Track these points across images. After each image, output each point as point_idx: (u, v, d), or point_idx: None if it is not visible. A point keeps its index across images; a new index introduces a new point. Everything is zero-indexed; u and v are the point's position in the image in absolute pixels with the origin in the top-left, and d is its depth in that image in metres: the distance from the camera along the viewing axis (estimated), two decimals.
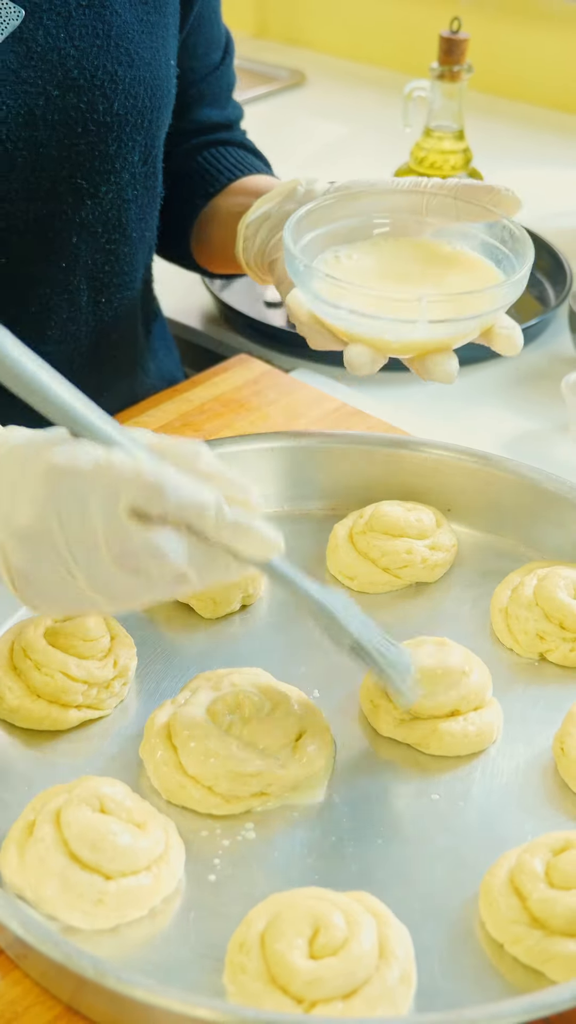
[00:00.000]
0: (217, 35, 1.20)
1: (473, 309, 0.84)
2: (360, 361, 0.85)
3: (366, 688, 0.85)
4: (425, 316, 0.82)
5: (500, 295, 0.85)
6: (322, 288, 0.85)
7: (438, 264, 0.91)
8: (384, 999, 0.65)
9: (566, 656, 0.89)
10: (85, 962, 0.63)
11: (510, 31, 2.11)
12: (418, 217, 0.92)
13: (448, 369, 0.86)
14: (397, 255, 0.92)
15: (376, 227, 0.93)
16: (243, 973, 0.66)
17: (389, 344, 0.85)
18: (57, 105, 0.98)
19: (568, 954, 0.67)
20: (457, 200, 0.90)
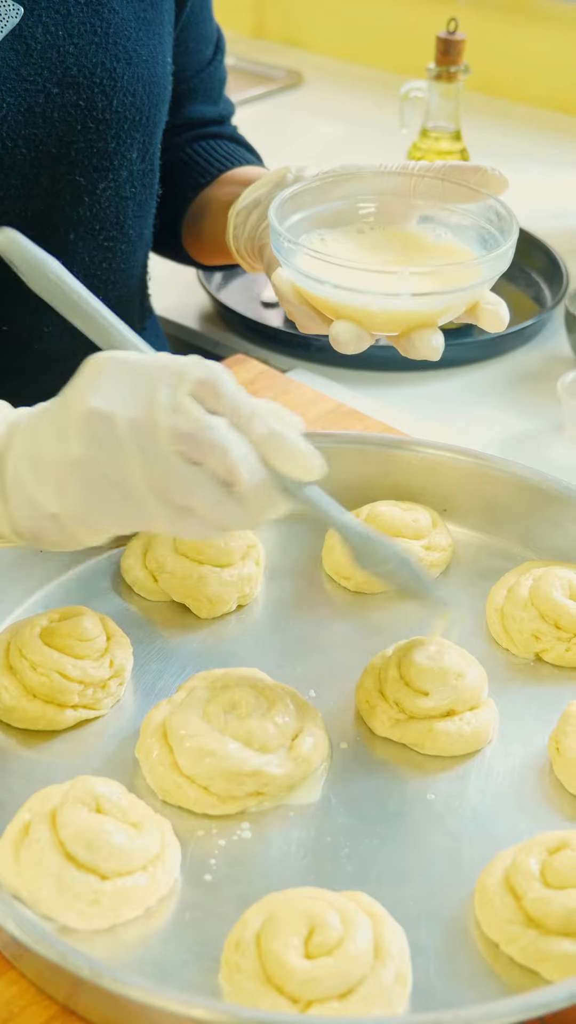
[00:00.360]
0: (209, 31, 1.20)
1: (456, 282, 0.83)
2: (345, 337, 0.84)
3: (362, 688, 0.85)
4: (408, 288, 0.82)
5: (483, 268, 0.84)
6: (306, 263, 0.85)
7: (421, 250, 0.91)
8: (379, 999, 0.65)
9: (561, 656, 0.89)
10: (81, 962, 0.63)
11: (507, 32, 2.11)
12: (406, 199, 0.92)
13: (434, 344, 0.85)
14: (381, 242, 0.92)
15: (362, 209, 0.93)
16: (239, 973, 0.66)
17: (374, 318, 0.84)
18: (56, 102, 0.98)
19: (563, 953, 0.67)
20: (444, 181, 0.90)
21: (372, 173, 0.92)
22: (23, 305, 1.06)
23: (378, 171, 0.92)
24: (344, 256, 0.88)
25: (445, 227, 0.91)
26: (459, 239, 0.91)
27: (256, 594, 0.95)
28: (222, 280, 1.49)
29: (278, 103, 2.19)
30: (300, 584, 0.97)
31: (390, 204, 0.92)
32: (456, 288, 0.83)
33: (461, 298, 0.84)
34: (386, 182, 0.92)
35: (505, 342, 1.34)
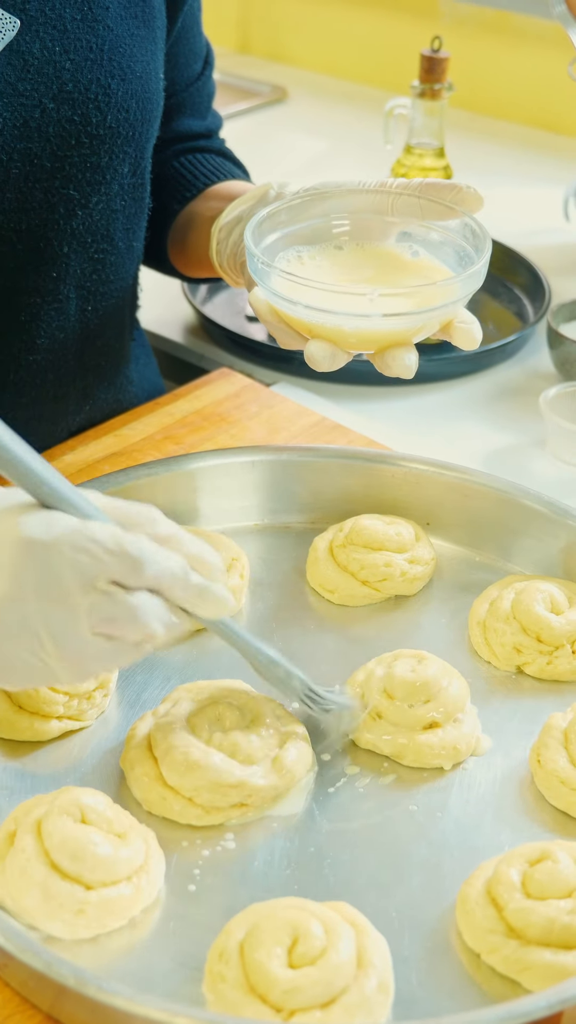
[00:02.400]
0: (198, 47, 1.22)
1: (427, 303, 0.84)
2: (319, 356, 0.86)
3: None
4: (379, 309, 0.83)
5: (455, 288, 0.85)
6: (279, 285, 0.86)
7: (396, 268, 0.92)
8: (362, 1008, 0.65)
9: (543, 669, 0.89)
10: (66, 971, 0.64)
11: (490, 50, 2.12)
12: (384, 217, 0.93)
13: (407, 363, 0.86)
14: (358, 259, 0.93)
15: (338, 227, 0.94)
16: (222, 982, 0.67)
17: (347, 337, 0.85)
18: (52, 117, 0.99)
19: (544, 964, 0.68)
20: (421, 199, 0.91)
21: (351, 191, 0.93)
22: (16, 318, 1.07)
23: (357, 189, 0.93)
24: (318, 276, 0.89)
25: (422, 244, 0.92)
26: (436, 256, 0.92)
27: (241, 606, 0.96)
28: (207, 294, 1.50)
29: (263, 118, 2.20)
30: (284, 597, 0.97)
31: (368, 222, 0.93)
32: (427, 308, 0.84)
33: (433, 317, 0.85)
34: (364, 200, 0.93)
35: (488, 357, 1.36)
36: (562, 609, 0.91)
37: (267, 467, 1.03)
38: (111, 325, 1.17)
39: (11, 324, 1.07)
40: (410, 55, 1.66)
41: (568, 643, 0.89)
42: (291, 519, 1.05)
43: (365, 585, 0.96)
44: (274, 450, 1.04)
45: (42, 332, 1.09)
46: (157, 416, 1.19)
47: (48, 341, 1.10)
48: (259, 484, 1.04)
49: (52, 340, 1.10)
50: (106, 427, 1.17)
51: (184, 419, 1.18)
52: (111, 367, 1.20)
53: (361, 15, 2.30)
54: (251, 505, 1.04)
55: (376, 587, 0.96)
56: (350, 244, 0.94)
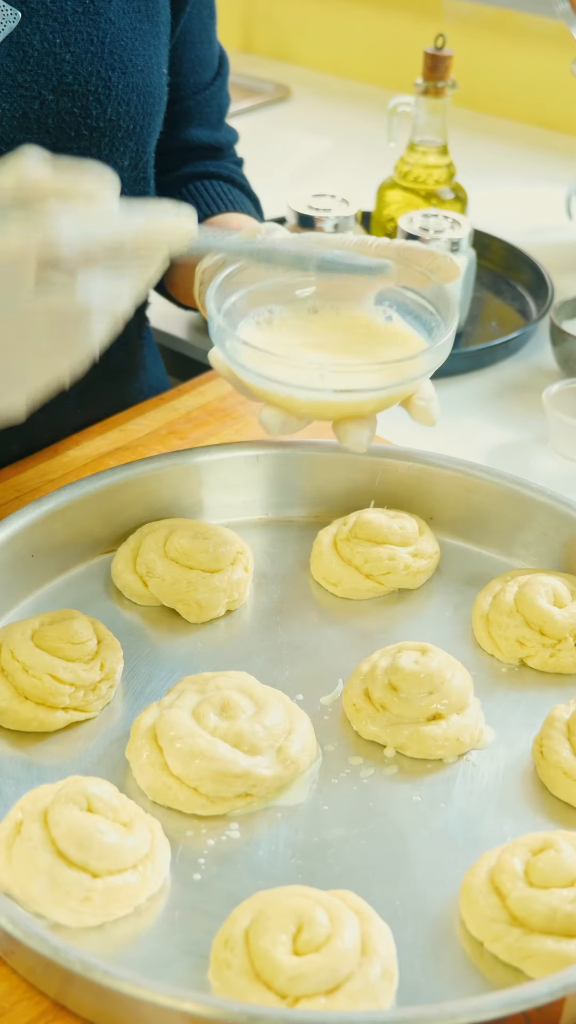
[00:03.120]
0: (207, 55, 1.21)
1: (381, 381, 0.83)
2: (270, 423, 0.86)
3: (349, 692, 0.86)
4: (330, 385, 0.82)
5: (410, 367, 0.84)
6: (235, 349, 0.85)
7: (367, 336, 0.90)
8: (366, 995, 0.66)
9: (546, 662, 0.90)
10: (73, 956, 0.64)
11: (492, 48, 2.13)
12: (362, 278, 0.91)
13: (358, 439, 0.85)
14: (329, 324, 0.91)
15: (311, 290, 0.92)
16: (228, 969, 0.67)
17: (299, 408, 0.85)
18: (51, 109, 1.00)
19: (546, 951, 0.68)
20: (398, 263, 0.89)
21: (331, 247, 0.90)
22: None
23: (337, 244, 0.90)
24: (286, 338, 0.88)
25: (398, 308, 0.91)
26: (410, 323, 0.90)
27: (245, 599, 0.96)
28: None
29: (266, 116, 2.20)
30: (288, 590, 0.98)
31: (346, 281, 0.92)
32: (380, 386, 0.83)
33: (387, 394, 0.84)
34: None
35: (491, 354, 1.36)
36: (565, 602, 0.91)
37: (271, 461, 1.04)
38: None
39: None
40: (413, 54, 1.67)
41: (571, 636, 0.90)
42: (295, 513, 1.05)
43: (369, 579, 0.96)
44: (278, 444, 1.04)
45: None
46: (162, 411, 1.19)
47: None
48: (263, 478, 1.04)
49: None
50: (111, 422, 1.17)
51: (188, 414, 1.18)
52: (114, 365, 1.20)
53: (364, 14, 2.31)
54: (255, 499, 1.04)
55: (380, 580, 0.96)
56: (325, 307, 0.92)
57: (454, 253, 1.36)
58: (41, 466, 1.10)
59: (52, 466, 1.10)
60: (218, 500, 1.03)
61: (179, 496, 1.02)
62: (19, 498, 1.06)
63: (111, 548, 1.00)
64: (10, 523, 0.94)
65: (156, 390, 1.28)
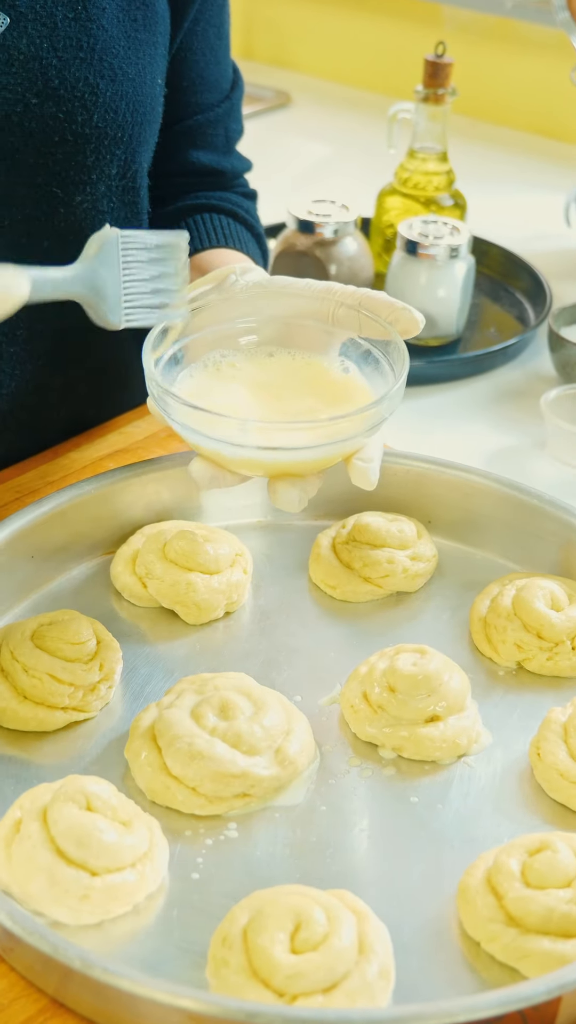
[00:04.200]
0: (212, 76, 1.19)
1: (309, 440, 0.80)
2: (198, 476, 0.83)
3: (347, 693, 0.86)
4: (251, 441, 0.79)
5: (344, 427, 0.80)
6: (162, 399, 0.83)
7: (319, 387, 0.88)
8: (363, 993, 0.66)
9: (543, 665, 0.90)
10: (72, 953, 0.64)
11: (492, 56, 2.14)
12: (326, 327, 0.89)
13: (288, 498, 0.82)
14: (283, 368, 0.89)
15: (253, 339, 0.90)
16: (225, 967, 0.67)
17: (228, 463, 0.82)
18: (35, 113, 0.99)
19: (542, 951, 0.69)
20: (360, 313, 0.87)
21: (296, 292, 0.89)
22: None
23: (303, 290, 0.89)
24: (235, 381, 0.86)
25: (359, 359, 0.89)
26: (369, 375, 0.88)
27: (243, 601, 0.97)
28: None
29: (266, 123, 2.21)
30: (287, 592, 0.98)
31: (308, 329, 0.90)
32: (309, 445, 0.79)
33: (318, 455, 0.80)
34: (307, 305, 0.89)
35: (489, 360, 1.37)
36: (562, 606, 0.92)
37: None
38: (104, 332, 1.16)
39: None
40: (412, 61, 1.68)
41: (568, 639, 0.90)
42: (294, 516, 1.06)
43: (367, 582, 0.97)
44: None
45: (21, 324, 1.09)
46: None
47: (27, 333, 1.09)
48: (262, 481, 1.04)
49: (31, 332, 1.10)
50: (110, 425, 1.18)
51: None
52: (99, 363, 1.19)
53: (364, 21, 2.32)
54: (254, 502, 1.05)
55: (378, 583, 0.97)
56: (281, 352, 0.90)
57: (453, 259, 1.37)
58: (41, 468, 1.11)
59: (52, 468, 1.11)
60: (217, 503, 1.04)
61: (179, 498, 1.02)
62: (19, 499, 1.06)
63: (110, 550, 1.00)
64: (10, 524, 0.94)
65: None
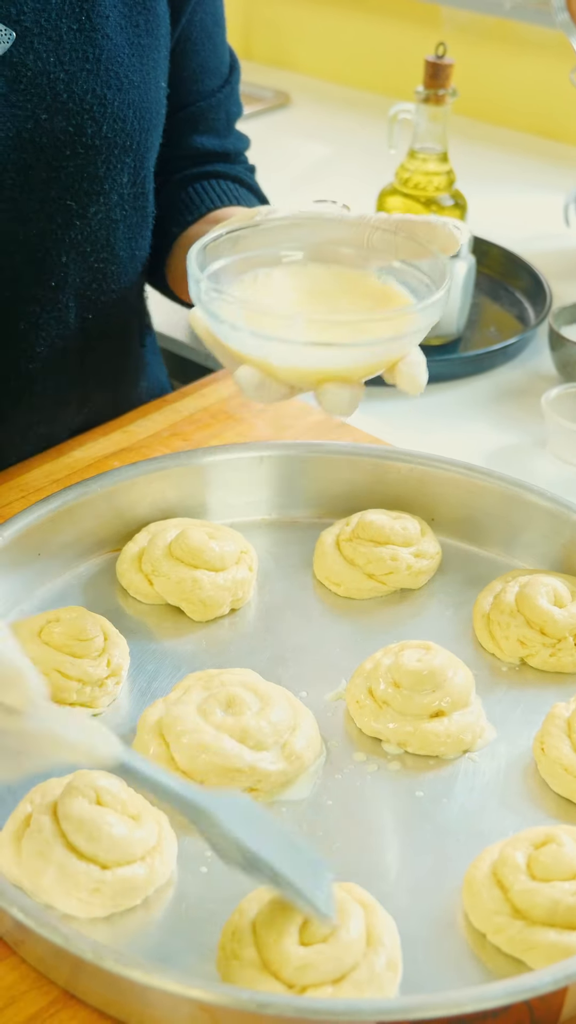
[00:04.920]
0: (211, 62, 1.20)
1: (362, 335, 0.77)
2: (244, 382, 0.79)
3: (352, 689, 0.87)
4: (301, 337, 0.76)
5: (399, 322, 0.78)
6: (211, 302, 0.80)
7: (357, 294, 0.86)
8: (372, 984, 0.67)
9: (546, 661, 0.91)
10: (84, 945, 0.65)
11: (491, 58, 2.15)
12: (361, 251, 0.88)
13: (339, 399, 0.78)
14: (319, 281, 0.88)
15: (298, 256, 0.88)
16: (235, 960, 0.68)
17: (274, 370, 0.79)
18: (46, 128, 1.00)
19: (548, 943, 0.70)
20: (397, 236, 0.85)
21: (329, 220, 0.88)
22: (15, 327, 1.08)
23: (336, 219, 0.88)
24: (264, 295, 0.84)
25: (396, 279, 0.87)
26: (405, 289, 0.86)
27: (249, 598, 0.98)
28: None
29: (266, 123, 2.22)
30: (291, 589, 0.99)
31: (343, 254, 0.88)
32: (361, 342, 0.77)
33: (369, 354, 0.78)
34: (342, 231, 0.88)
35: (490, 359, 1.37)
36: (565, 603, 0.93)
37: (275, 463, 1.05)
38: (114, 333, 1.18)
39: (10, 333, 1.07)
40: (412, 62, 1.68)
41: (571, 635, 0.91)
42: (298, 514, 1.06)
43: (371, 578, 0.98)
44: (282, 446, 1.05)
45: (41, 340, 1.10)
46: (164, 413, 1.20)
47: (47, 350, 1.10)
48: (267, 479, 1.05)
49: (51, 348, 1.11)
50: (114, 424, 1.18)
51: (191, 416, 1.20)
52: (114, 374, 1.21)
53: (363, 22, 2.32)
54: (259, 500, 1.06)
55: (382, 580, 0.98)
56: (317, 266, 0.88)
57: (453, 259, 1.37)
58: (46, 466, 1.11)
59: (57, 467, 1.11)
60: (222, 500, 1.05)
61: (184, 496, 1.03)
62: (24, 498, 1.07)
63: (116, 547, 1.01)
64: (17, 521, 0.95)
65: (157, 394, 1.29)
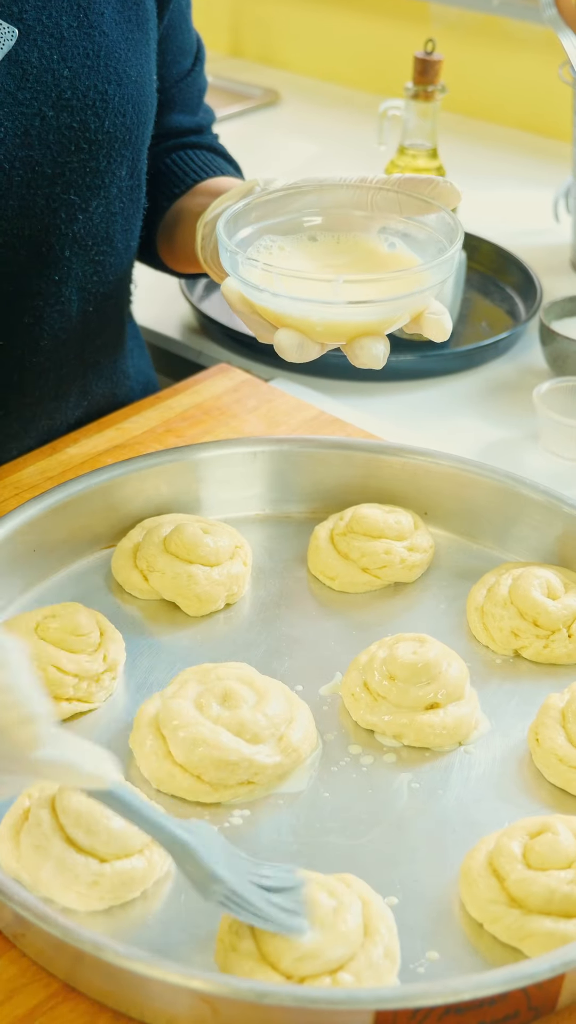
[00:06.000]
0: (187, 42, 1.22)
1: (394, 291, 0.83)
2: (286, 344, 0.85)
3: (348, 682, 0.88)
4: (343, 297, 0.82)
5: (423, 277, 0.85)
6: (248, 272, 0.86)
7: (370, 259, 0.92)
8: (370, 974, 0.67)
9: (539, 652, 0.92)
10: (84, 937, 0.65)
11: (480, 54, 2.15)
12: (364, 212, 0.92)
13: (375, 352, 0.85)
14: (332, 250, 0.93)
15: (314, 221, 0.93)
16: (234, 951, 0.69)
17: (314, 327, 0.85)
18: (51, 125, 1.01)
19: (544, 931, 0.70)
20: (399, 194, 0.91)
21: (331, 186, 0.93)
22: (20, 321, 1.08)
23: (337, 184, 0.93)
24: (289, 265, 0.90)
25: (401, 239, 0.92)
26: (413, 250, 0.92)
27: (244, 593, 0.98)
28: (204, 291, 1.52)
29: (255, 121, 2.22)
30: (286, 583, 1.00)
31: (348, 217, 0.93)
32: (393, 296, 0.83)
33: (400, 307, 0.84)
34: (344, 195, 0.93)
35: (481, 354, 1.38)
36: (558, 594, 0.93)
37: (269, 458, 1.05)
38: (110, 322, 1.19)
39: (15, 327, 1.08)
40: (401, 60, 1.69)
41: (564, 627, 0.92)
42: (292, 508, 1.07)
43: (365, 572, 0.98)
44: (275, 441, 1.06)
45: (45, 334, 1.10)
46: (158, 410, 1.20)
47: (51, 342, 1.11)
48: (261, 474, 1.06)
49: (55, 341, 1.12)
50: (108, 420, 1.19)
51: (184, 413, 1.20)
52: (109, 362, 1.22)
53: (352, 19, 2.33)
54: (253, 495, 1.06)
55: (376, 574, 0.98)
56: (325, 235, 0.93)
57: None
58: (40, 464, 1.12)
59: (51, 464, 1.12)
60: (216, 496, 1.05)
61: (178, 492, 1.04)
62: (18, 495, 1.07)
63: (111, 543, 1.01)
64: (12, 518, 0.95)
65: (144, 385, 1.30)
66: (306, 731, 0.83)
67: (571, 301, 1.37)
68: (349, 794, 0.81)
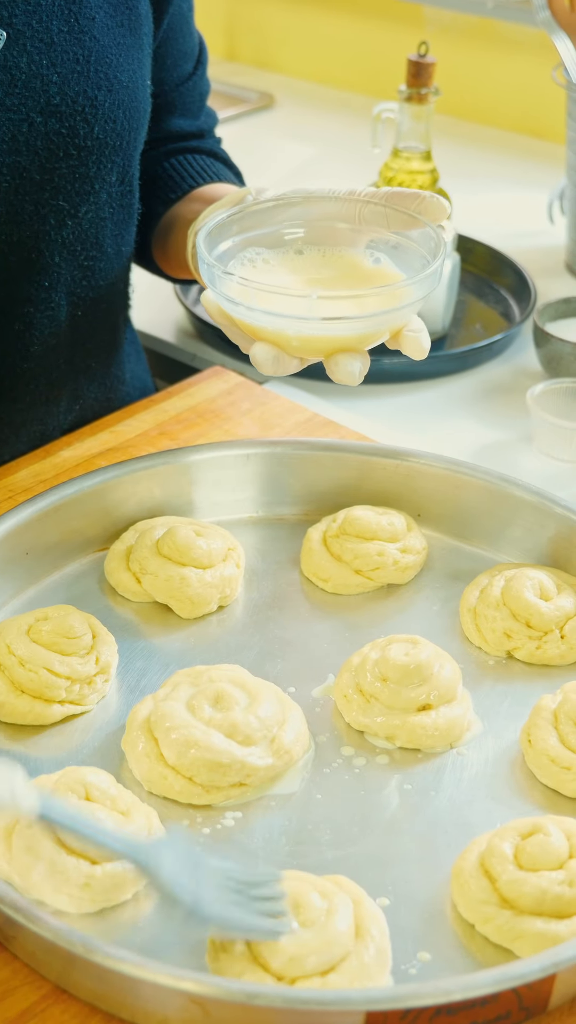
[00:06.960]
0: (188, 47, 1.22)
1: (370, 307, 0.83)
2: (262, 358, 0.85)
3: (340, 684, 0.88)
4: (317, 312, 0.82)
5: (402, 293, 0.84)
6: (224, 285, 0.85)
7: (353, 274, 0.91)
8: (361, 975, 0.67)
9: (532, 654, 0.92)
10: (75, 939, 0.65)
11: (474, 57, 2.15)
12: (351, 225, 0.92)
13: (350, 369, 0.84)
14: (316, 264, 0.92)
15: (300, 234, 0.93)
16: (225, 953, 0.69)
17: (290, 341, 0.84)
18: (40, 131, 1.00)
19: (536, 932, 0.70)
20: (387, 208, 0.90)
21: (319, 198, 0.93)
22: (10, 327, 1.08)
23: (325, 196, 0.92)
24: (273, 278, 0.89)
25: (387, 253, 0.91)
26: (399, 265, 0.91)
27: (237, 595, 0.98)
28: (198, 295, 1.52)
29: (250, 124, 2.22)
30: (279, 586, 1.00)
31: (336, 230, 0.93)
32: (368, 313, 0.82)
33: (377, 323, 0.83)
34: (333, 208, 0.92)
35: (475, 356, 1.38)
36: (551, 596, 0.93)
37: (262, 460, 1.05)
38: (102, 328, 1.19)
39: (5, 333, 1.08)
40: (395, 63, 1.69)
41: (557, 628, 0.92)
42: (285, 511, 1.07)
43: (358, 574, 0.98)
44: (268, 444, 1.06)
45: (35, 340, 1.10)
46: (152, 413, 1.20)
47: (41, 348, 1.11)
48: (254, 477, 1.06)
49: (45, 346, 1.12)
50: (101, 423, 1.19)
51: (178, 416, 1.20)
52: (102, 368, 1.22)
53: (346, 23, 2.33)
54: (246, 497, 1.06)
55: (369, 576, 0.98)
56: (311, 248, 0.93)
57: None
58: (33, 467, 1.12)
59: (44, 467, 1.12)
60: (209, 498, 1.05)
61: (171, 495, 1.04)
62: (11, 498, 1.07)
63: (104, 546, 1.02)
64: (5, 521, 0.95)
65: (140, 391, 1.30)
66: (298, 733, 0.83)
67: (565, 303, 1.37)
68: (341, 796, 0.81)
